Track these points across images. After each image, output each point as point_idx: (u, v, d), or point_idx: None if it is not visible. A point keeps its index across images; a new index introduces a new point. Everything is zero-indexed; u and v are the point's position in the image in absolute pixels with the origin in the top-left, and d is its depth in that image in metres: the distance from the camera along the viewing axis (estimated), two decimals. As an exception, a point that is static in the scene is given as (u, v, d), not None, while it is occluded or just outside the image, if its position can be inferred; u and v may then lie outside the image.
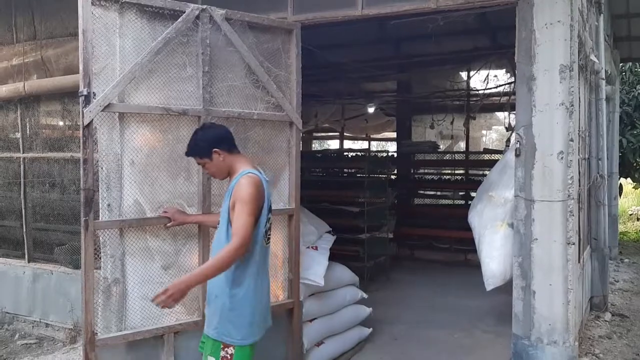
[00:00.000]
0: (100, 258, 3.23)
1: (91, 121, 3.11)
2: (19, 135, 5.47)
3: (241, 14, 3.65)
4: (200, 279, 2.65)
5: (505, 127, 8.78)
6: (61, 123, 5.37)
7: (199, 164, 2.89)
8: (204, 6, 3.46)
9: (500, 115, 11.51)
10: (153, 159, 3.34)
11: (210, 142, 2.78)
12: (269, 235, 2.87)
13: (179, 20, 3.35)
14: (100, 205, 3.19)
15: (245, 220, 2.59)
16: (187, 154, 2.88)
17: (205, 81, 3.46)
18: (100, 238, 3.21)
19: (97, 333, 3.17)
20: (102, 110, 3.13)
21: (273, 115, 3.85)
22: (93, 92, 3.10)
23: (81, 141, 3.13)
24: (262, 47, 3.76)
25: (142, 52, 3.25)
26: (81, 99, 3.09)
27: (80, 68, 3.09)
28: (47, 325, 5.21)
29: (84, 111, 3.09)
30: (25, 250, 5.46)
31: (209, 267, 2.61)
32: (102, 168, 3.20)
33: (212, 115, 3.47)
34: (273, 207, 3.84)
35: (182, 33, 3.37)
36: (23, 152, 5.42)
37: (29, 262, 5.43)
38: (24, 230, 5.47)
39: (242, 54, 3.63)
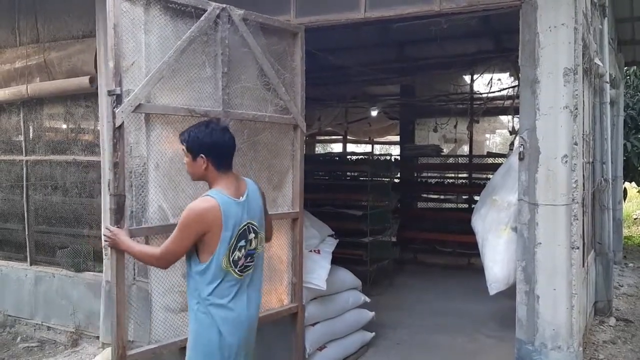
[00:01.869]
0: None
1: (122, 122, 2.95)
2: (21, 138, 5.47)
3: (255, 14, 3.60)
4: (128, 251, 2.77)
5: (509, 131, 8.77)
6: (64, 126, 5.36)
7: (182, 150, 2.64)
8: (224, 5, 3.39)
9: (504, 118, 11.47)
10: (176, 162, 3.20)
11: (203, 145, 2.54)
12: (248, 263, 2.60)
13: (201, 18, 3.27)
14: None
15: (168, 244, 2.51)
16: (180, 135, 2.65)
17: (224, 82, 3.40)
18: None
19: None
20: (133, 111, 3.00)
21: (281, 118, 3.82)
22: (124, 91, 2.95)
23: (111, 144, 2.98)
24: (271, 49, 3.74)
25: (166, 49, 3.16)
26: (111, 99, 2.95)
27: (111, 65, 2.96)
28: (48, 328, 5.20)
29: (115, 112, 2.93)
30: (28, 253, 5.46)
31: (136, 250, 2.71)
32: (128, 172, 3.04)
33: (230, 117, 3.40)
34: (277, 211, 3.82)
35: (203, 32, 3.29)
36: (26, 155, 5.43)
37: (31, 265, 5.43)
38: (26, 233, 5.47)
39: (256, 55, 3.59)
